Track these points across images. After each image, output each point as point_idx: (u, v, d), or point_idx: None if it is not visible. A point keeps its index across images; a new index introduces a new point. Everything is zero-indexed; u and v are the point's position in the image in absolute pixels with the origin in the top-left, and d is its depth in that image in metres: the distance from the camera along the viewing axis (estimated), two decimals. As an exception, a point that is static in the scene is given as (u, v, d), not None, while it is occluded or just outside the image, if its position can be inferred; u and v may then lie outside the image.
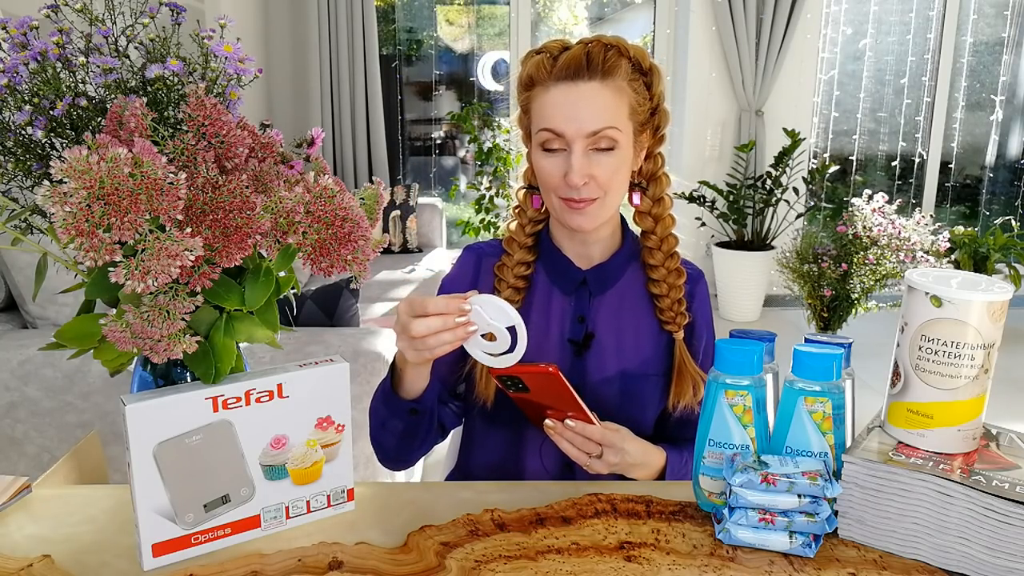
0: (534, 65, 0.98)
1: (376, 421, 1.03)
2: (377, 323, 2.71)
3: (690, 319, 1.07)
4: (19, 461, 1.75)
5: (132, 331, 0.67)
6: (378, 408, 1.01)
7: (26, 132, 0.75)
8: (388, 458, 1.07)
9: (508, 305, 0.84)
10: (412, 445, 1.03)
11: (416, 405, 0.98)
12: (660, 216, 1.04)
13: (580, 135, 0.94)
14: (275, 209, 0.70)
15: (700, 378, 1.06)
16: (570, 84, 0.95)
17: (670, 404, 1.07)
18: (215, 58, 0.78)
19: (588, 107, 0.94)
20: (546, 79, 0.96)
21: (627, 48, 0.97)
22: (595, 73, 0.94)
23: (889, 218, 3.40)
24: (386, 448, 1.05)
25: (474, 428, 1.13)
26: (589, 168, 0.95)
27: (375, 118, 4.18)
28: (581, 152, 0.95)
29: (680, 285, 1.05)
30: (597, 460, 0.95)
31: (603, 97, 0.95)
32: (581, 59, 0.94)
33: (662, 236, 1.04)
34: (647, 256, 1.05)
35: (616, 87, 0.95)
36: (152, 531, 0.75)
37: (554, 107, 0.95)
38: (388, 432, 1.01)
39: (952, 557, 0.76)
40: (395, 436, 1.01)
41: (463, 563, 0.76)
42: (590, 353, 1.05)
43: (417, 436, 1.02)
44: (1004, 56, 4.54)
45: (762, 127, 4.26)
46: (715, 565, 0.77)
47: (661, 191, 1.04)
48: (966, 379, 0.78)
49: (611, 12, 4.68)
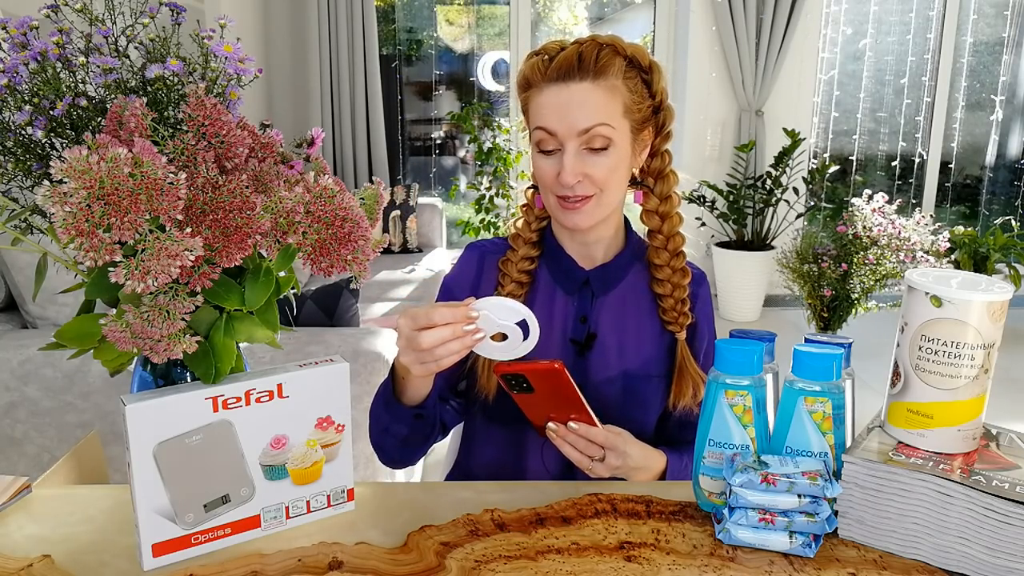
0: (530, 67, 0.99)
1: (378, 426, 1.03)
2: (377, 323, 2.71)
3: (692, 320, 1.07)
4: (19, 461, 1.75)
5: (132, 331, 0.67)
6: (380, 414, 1.01)
7: (26, 132, 0.75)
8: (391, 460, 1.07)
9: (514, 301, 0.84)
10: (414, 447, 1.04)
11: (420, 411, 0.98)
12: (667, 214, 1.05)
13: (571, 134, 0.95)
14: (275, 209, 0.70)
15: (700, 379, 1.06)
16: (562, 85, 0.96)
17: (670, 404, 1.07)
18: (215, 58, 0.78)
19: (579, 106, 0.95)
20: (540, 80, 0.97)
21: (623, 47, 0.97)
22: (587, 73, 0.95)
23: (889, 218, 3.40)
24: (388, 451, 1.05)
25: (475, 426, 1.13)
26: (583, 167, 0.96)
27: (375, 118, 4.18)
28: (574, 151, 0.96)
29: (684, 285, 1.05)
30: (599, 463, 0.95)
31: (595, 96, 0.95)
32: (573, 59, 0.95)
33: (669, 234, 1.04)
34: (653, 255, 1.06)
35: (609, 86, 0.96)
36: (152, 531, 0.75)
37: (546, 107, 0.97)
38: (390, 436, 1.02)
39: (952, 557, 0.76)
40: (398, 440, 1.02)
41: (463, 563, 0.76)
42: (592, 353, 1.05)
43: (420, 439, 1.02)
44: (1004, 56, 4.54)
45: (762, 127, 4.26)
46: (715, 565, 0.77)
47: (669, 189, 1.05)
48: (966, 379, 0.78)
49: (611, 12, 4.68)
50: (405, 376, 0.94)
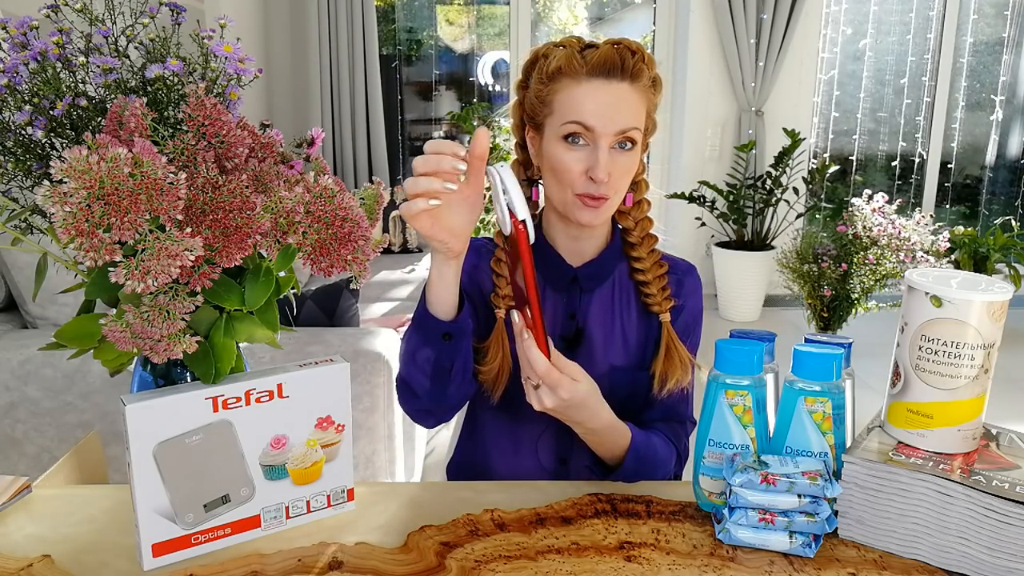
0: (565, 58, 0.98)
1: (407, 355, 0.98)
2: (377, 323, 2.71)
3: (676, 304, 1.08)
4: (19, 461, 1.75)
5: (132, 331, 0.67)
6: (410, 337, 0.97)
7: (26, 132, 0.75)
8: (418, 406, 1.01)
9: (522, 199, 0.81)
10: (444, 382, 0.97)
11: (450, 328, 0.93)
12: (638, 218, 1.08)
13: (609, 132, 0.96)
14: (275, 209, 0.70)
15: (689, 361, 1.06)
16: (604, 81, 0.97)
17: (656, 384, 1.05)
18: (215, 58, 0.78)
19: (620, 106, 0.97)
20: (580, 72, 0.98)
21: (645, 55, 1.00)
22: (627, 74, 0.97)
23: (889, 218, 3.40)
24: (416, 388, 0.99)
25: (474, 420, 1.14)
26: (611, 165, 0.97)
27: (375, 118, 4.18)
28: (607, 148, 0.97)
29: (662, 274, 1.07)
30: (533, 390, 0.89)
31: (633, 98, 0.98)
32: (616, 59, 0.97)
33: (641, 235, 1.07)
34: (629, 249, 1.09)
35: (641, 90, 0.99)
36: (152, 531, 0.75)
37: (585, 101, 0.97)
38: (418, 367, 0.96)
39: (952, 557, 0.76)
40: (427, 370, 0.96)
41: (463, 563, 0.76)
42: (581, 349, 1.06)
43: (449, 370, 0.96)
44: (1004, 56, 4.54)
45: (762, 127, 4.26)
46: (715, 565, 0.77)
47: (640, 195, 1.08)
48: (966, 379, 0.78)
49: (611, 12, 4.68)
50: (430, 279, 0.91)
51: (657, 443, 1.02)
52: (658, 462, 1.00)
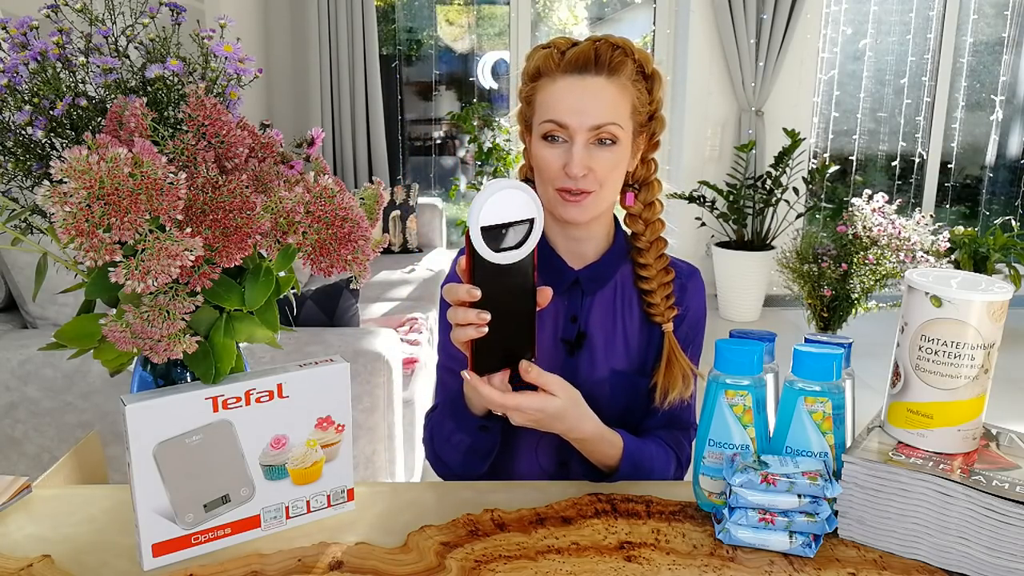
0: (542, 57, 1.00)
1: (440, 438, 1.01)
2: (377, 323, 2.71)
3: (679, 312, 1.07)
4: (19, 461, 1.75)
5: (132, 331, 0.67)
6: (443, 422, 1.01)
7: (26, 132, 0.75)
8: (451, 473, 1.04)
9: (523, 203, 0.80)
10: (477, 459, 1.01)
11: (486, 422, 0.96)
12: (650, 220, 1.07)
13: (583, 128, 0.96)
14: (275, 209, 0.70)
15: (690, 371, 1.06)
16: (577, 77, 0.97)
17: (658, 395, 1.06)
18: (215, 58, 0.78)
19: (593, 100, 0.96)
20: (553, 71, 0.98)
21: (633, 50, 0.99)
22: (602, 69, 0.97)
23: (889, 218, 3.40)
24: (449, 463, 1.03)
25: None
26: (589, 160, 0.97)
27: (375, 118, 4.17)
28: (582, 144, 0.97)
29: (668, 282, 1.06)
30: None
31: (608, 93, 0.97)
32: (589, 54, 0.97)
33: (651, 239, 1.07)
34: (637, 255, 1.07)
35: (621, 85, 0.98)
36: (152, 531, 0.75)
37: (560, 99, 0.97)
38: (453, 447, 1.00)
39: (952, 557, 0.76)
40: (461, 451, 1.00)
41: (463, 563, 0.76)
42: (583, 352, 1.06)
43: (483, 451, 1.00)
44: (1004, 56, 4.54)
45: (762, 127, 4.26)
46: (715, 565, 0.77)
47: (652, 196, 1.07)
48: (966, 379, 0.78)
49: (611, 12, 4.68)
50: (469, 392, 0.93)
51: (653, 450, 1.02)
52: (654, 469, 1.00)
